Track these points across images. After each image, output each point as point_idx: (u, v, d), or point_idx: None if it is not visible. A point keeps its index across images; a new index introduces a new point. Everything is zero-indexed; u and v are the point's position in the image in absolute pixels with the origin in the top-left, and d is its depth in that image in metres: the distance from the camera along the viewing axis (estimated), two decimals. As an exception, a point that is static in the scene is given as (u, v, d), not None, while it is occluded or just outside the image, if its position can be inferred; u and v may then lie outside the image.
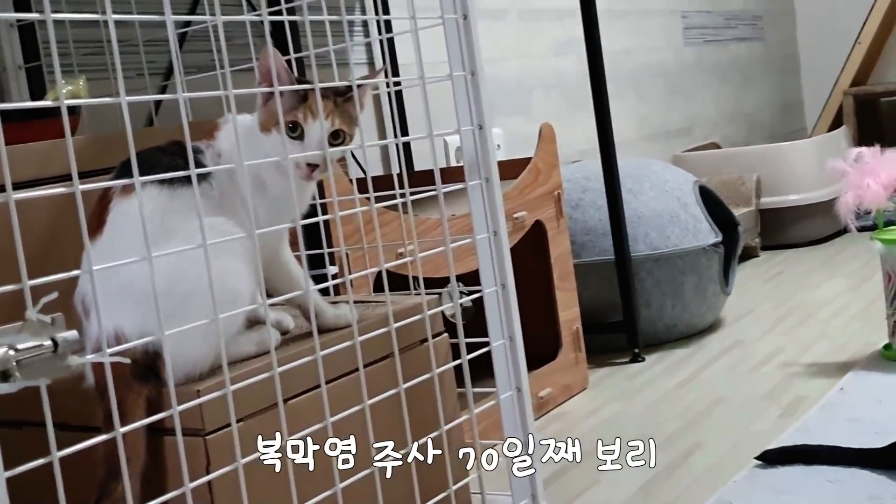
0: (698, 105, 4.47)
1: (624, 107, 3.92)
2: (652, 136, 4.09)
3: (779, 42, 5.34)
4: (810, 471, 1.62)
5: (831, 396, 1.99)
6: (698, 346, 2.55)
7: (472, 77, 1.38)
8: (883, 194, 2.18)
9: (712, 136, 4.51)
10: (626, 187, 2.61)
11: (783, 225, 3.77)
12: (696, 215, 2.63)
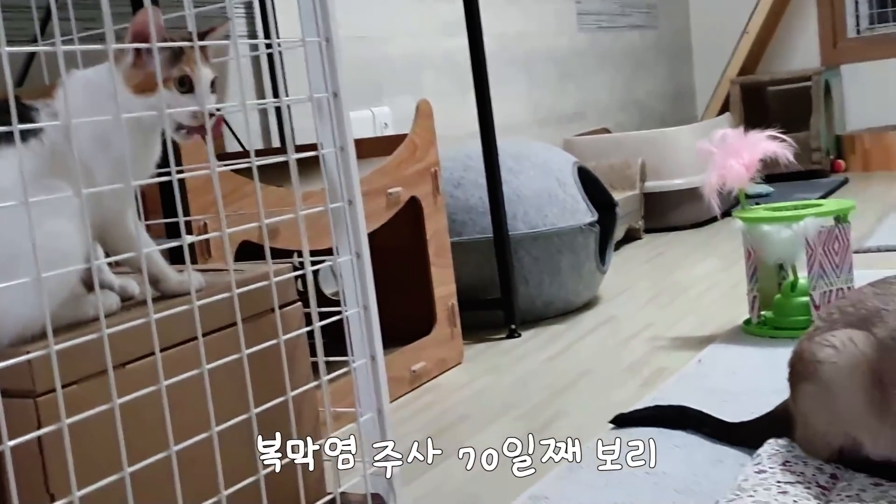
0: (591, 91, 4.55)
1: (517, 90, 3.98)
2: (544, 120, 4.16)
3: (672, 31, 5.46)
4: (657, 435, 1.68)
5: (689, 368, 2.06)
6: (573, 322, 2.61)
7: (326, 44, 1.40)
8: (745, 174, 2.25)
9: (604, 122, 4.60)
10: (507, 167, 2.66)
11: (667, 208, 3.87)
12: (574, 195, 2.69)
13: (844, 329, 1.40)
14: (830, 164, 4.89)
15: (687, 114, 5.50)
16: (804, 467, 1.41)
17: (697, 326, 2.42)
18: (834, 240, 2.18)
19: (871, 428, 1.36)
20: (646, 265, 3.31)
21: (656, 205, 3.88)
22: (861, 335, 1.38)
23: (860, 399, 1.36)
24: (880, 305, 1.38)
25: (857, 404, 1.36)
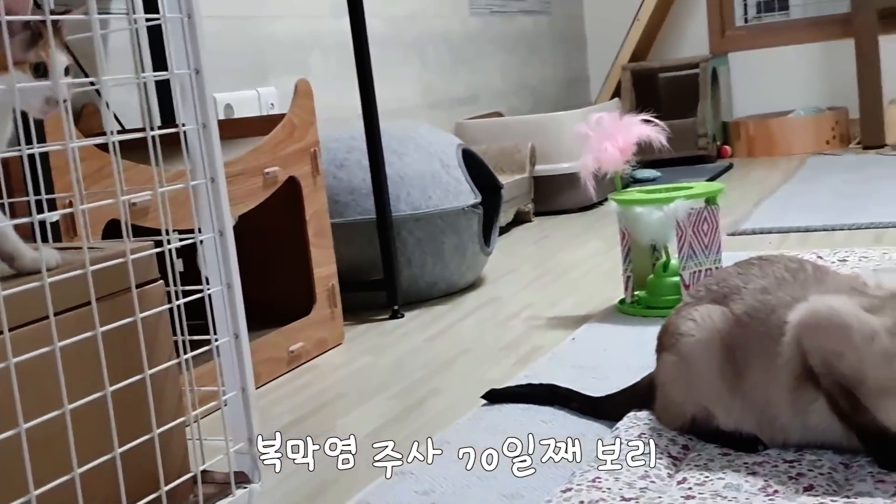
0: (484, 75, 4.58)
1: (408, 73, 3.99)
2: (436, 104, 4.17)
3: (565, 16, 5.52)
4: (527, 411, 1.71)
5: (563, 346, 2.10)
6: (456, 303, 2.64)
7: (188, 20, 1.38)
8: (620, 158, 2.30)
9: (497, 106, 4.64)
10: (391, 148, 2.67)
11: (556, 191, 3.92)
12: (458, 177, 2.71)
13: (706, 304, 1.45)
14: (717, 150, 5.01)
15: (581, 99, 5.57)
16: (658, 439, 1.46)
17: (575, 306, 2.47)
18: (703, 221, 2.24)
19: (723, 400, 1.41)
20: (532, 247, 3.36)
21: (546, 188, 3.93)
22: (719, 311, 1.43)
23: (715, 372, 1.41)
24: (741, 284, 1.44)
25: (712, 377, 1.41)
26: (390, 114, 3.73)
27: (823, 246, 2.74)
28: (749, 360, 1.39)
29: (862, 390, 1.28)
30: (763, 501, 1.23)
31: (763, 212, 3.40)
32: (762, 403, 1.38)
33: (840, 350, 1.30)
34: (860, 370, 1.28)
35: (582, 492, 1.29)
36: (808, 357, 1.32)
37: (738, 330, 1.40)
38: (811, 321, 1.33)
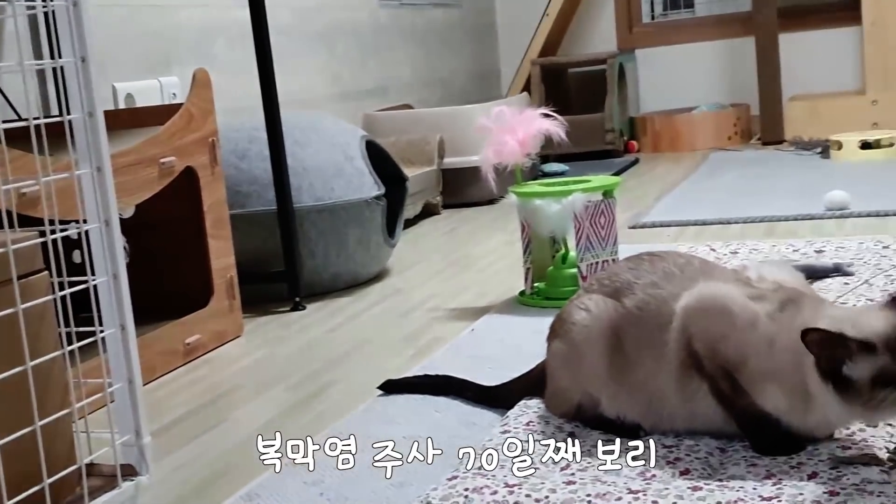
0: (393, 67, 4.58)
1: (316, 64, 3.97)
2: (345, 95, 4.16)
3: (476, 10, 5.55)
4: (422, 402, 1.73)
5: (462, 337, 2.12)
6: (360, 295, 2.64)
7: (74, 8, 1.36)
8: (519, 151, 2.33)
9: (407, 98, 4.64)
10: (294, 139, 2.66)
11: (465, 184, 3.94)
12: (361, 169, 2.71)
13: (599, 295, 1.48)
14: (624, 145, 5.09)
15: (492, 93, 5.61)
16: (545, 426, 1.48)
17: (477, 297, 2.49)
18: (600, 214, 2.28)
19: (609, 388, 1.44)
20: (439, 239, 3.38)
21: (455, 181, 3.95)
22: (612, 303, 1.46)
23: (603, 361, 1.44)
24: (632, 279, 1.47)
25: (600, 365, 1.44)
26: (298, 104, 3.71)
27: (718, 239, 2.81)
28: (639, 352, 1.42)
29: (743, 373, 1.32)
30: (640, 485, 1.26)
31: (664, 205, 3.47)
32: (650, 394, 1.41)
33: (723, 333, 1.34)
34: (742, 354, 1.32)
35: (468, 479, 1.31)
36: (693, 341, 1.36)
37: (629, 323, 1.43)
38: (697, 306, 1.37)
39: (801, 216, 3.03)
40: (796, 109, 4.79)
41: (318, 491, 1.41)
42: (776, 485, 1.24)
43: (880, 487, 1.20)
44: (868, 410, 1.25)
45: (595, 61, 5.17)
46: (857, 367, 1.22)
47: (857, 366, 1.22)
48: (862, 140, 4.03)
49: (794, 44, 5.05)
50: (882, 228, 2.77)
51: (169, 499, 1.48)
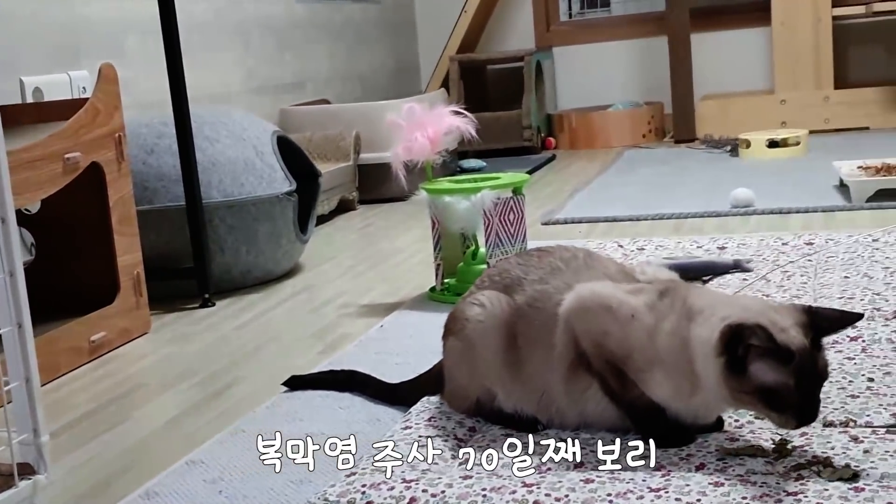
0: (310, 62, 4.56)
1: (231, 59, 3.93)
2: (260, 90, 4.13)
3: (394, 5, 5.55)
4: (327, 398, 1.73)
5: (371, 333, 2.13)
6: (270, 292, 2.63)
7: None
8: (429, 147, 2.34)
9: (325, 94, 4.63)
10: (203, 134, 2.64)
11: (381, 180, 3.94)
12: (272, 164, 2.70)
13: (492, 291, 1.50)
14: (541, 142, 5.14)
15: (411, 88, 5.61)
16: (446, 422, 1.50)
17: (388, 294, 2.50)
18: (510, 211, 2.30)
19: (505, 383, 1.46)
20: (354, 235, 3.38)
21: (371, 176, 3.94)
22: (504, 298, 1.48)
23: (498, 355, 1.46)
24: (521, 275, 1.49)
25: (495, 360, 1.46)
26: (212, 99, 3.68)
27: (628, 235, 2.86)
28: (530, 349, 1.44)
29: (629, 365, 1.35)
30: (535, 479, 1.29)
31: (577, 202, 3.52)
32: (541, 389, 1.44)
33: (605, 329, 1.37)
34: (625, 347, 1.35)
35: (366, 475, 1.32)
36: (579, 341, 1.39)
37: (520, 319, 1.46)
38: (577, 307, 1.40)
39: (708, 213, 3.10)
40: (708, 108, 4.89)
41: (218, 489, 1.41)
42: (665, 476, 1.27)
43: (763, 478, 1.24)
44: (741, 404, 1.30)
45: (513, 58, 5.20)
46: (767, 371, 1.24)
47: (768, 370, 1.23)
48: (769, 139, 4.13)
49: (706, 44, 5.15)
50: (783, 226, 2.85)
51: (67, 497, 1.46)
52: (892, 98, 4.64)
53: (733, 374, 1.25)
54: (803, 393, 1.23)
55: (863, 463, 1.26)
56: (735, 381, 1.26)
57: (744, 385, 1.25)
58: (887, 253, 2.28)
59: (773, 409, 1.25)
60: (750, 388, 1.25)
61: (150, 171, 2.58)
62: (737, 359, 1.25)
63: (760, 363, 1.24)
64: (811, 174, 3.56)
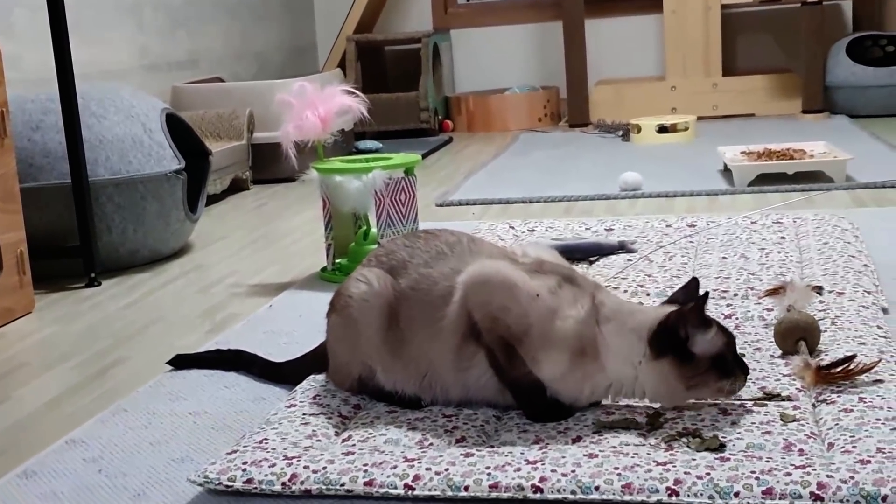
0: (204, 39, 4.49)
1: (123, 35, 3.85)
2: (153, 67, 4.06)
3: (292, -15, 5.49)
4: (211, 377, 1.73)
5: (259, 313, 2.12)
6: (159, 271, 2.60)
7: None
8: (320, 126, 2.34)
9: (219, 71, 4.56)
10: (90, 111, 2.59)
11: (276, 159, 3.89)
12: (161, 142, 2.66)
13: (377, 269, 1.51)
14: (439, 124, 5.16)
15: (308, 68, 5.57)
16: (331, 399, 1.51)
17: (279, 273, 2.49)
18: (401, 191, 2.32)
19: (385, 361, 1.48)
20: (246, 215, 3.35)
21: (266, 156, 3.90)
22: (388, 279, 1.49)
23: (380, 335, 1.47)
24: (406, 258, 1.50)
25: (377, 339, 1.47)
26: (103, 76, 3.60)
27: (520, 217, 2.90)
28: (413, 330, 1.46)
29: (525, 342, 1.38)
30: (417, 453, 1.31)
31: (471, 184, 3.55)
32: (424, 370, 1.45)
33: (506, 305, 1.39)
34: (525, 324, 1.38)
35: (247, 452, 1.32)
36: (473, 313, 1.41)
37: (403, 302, 1.47)
38: (479, 279, 1.42)
39: (598, 196, 3.16)
40: (602, 93, 4.97)
41: (97, 467, 1.39)
42: (542, 449, 1.30)
43: (635, 449, 1.29)
44: (691, 388, 1.36)
45: (410, 40, 5.21)
46: (708, 343, 1.36)
47: (704, 342, 1.36)
48: (659, 124, 4.22)
49: (600, 30, 5.24)
50: (669, 208, 2.92)
51: (-60, 480, 1.43)
52: (777, 86, 4.79)
53: (685, 364, 1.35)
54: (732, 349, 1.38)
55: (730, 434, 1.31)
56: (689, 370, 1.35)
57: (698, 367, 1.35)
58: (764, 235, 2.36)
59: (724, 377, 1.36)
60: (704, 367, 1.35)
61: (35, 148, 2.52)
62: (682, 347, 1.35)
63: (700, 340, 1.35)
64: (698, 159, 3.66)
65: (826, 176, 3.07)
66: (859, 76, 4.51)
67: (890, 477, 1.14)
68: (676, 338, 1.35)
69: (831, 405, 1.37)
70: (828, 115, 4.56)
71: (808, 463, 1.19)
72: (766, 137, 3.77)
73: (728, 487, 1.16)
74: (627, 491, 1.18)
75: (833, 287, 1.90)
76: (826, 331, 1.65)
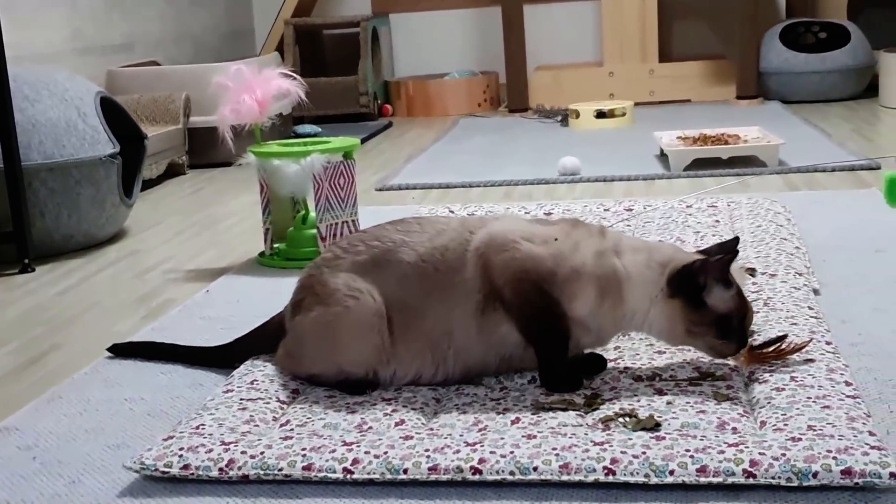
0: (140, 22, 4.42)
1: (56, 17, 3.77)
2: (87, 50, 3.98)
3: (228, -33, 5.42)
4: (149, 363, 1.71)
5: (196, 298, 2.10)
6: (94, 257, 2.56)
7: None
8: (257, 110, 2.31)
9: (155, 55, 4.49)
10: (23, 94, 2.54)
11: (213, 144, 3.86)
12: (95, 126, 2.62)
13: (353, 274, 1.49)
14: (378, 109, 5.14)
15: (246, 52, 5.50)
16: (269, 384, 1.50)
17: (217, 259, 2.47)
18: (340, 175, 2.31)
19: (384, 359, 1.47)
20: (183, 200, 3.32)
21: (203, 140, 3.86)
22: (376, 292, 1.47)
23: (377, 339, 1.46)
24: (405, 238, 1.50)
25: (372, 345, 1.46)
26: (36, 59, 3.52)
27: (460, 201, 2.91)
28: (424, 304, 1.46)
29: (556, 280, 1.43)
30: (356, 437, 1.31)
31: (412, 168, 3.54)
32: (439, 338, 1.45)
33: (531, 253, 1.44)
34: (553, 264, 1.43)
35: (183, 438, 1.31)
36: (496, 274, 1.44)
37: (408, 282, 1.46)
38: (497, 240, 1.46)
39: (537, 180, 3.18)
40: (541, 79, 4.99)
41: (32, 455, 1.37)
42: (481, 431, 1.31)
43: (573, 430, 1.30)
44: (689, 334, 1.43)
45: (349, 24, 5.17)
46: (723, 301, 1.42)
47: (719, 297, 1.42)
48: (597, 110, 4.25)
49: (539, 15, 5.25)
50: (607, 192, 2.95)
51: None
52: (712, 72, 4.84)
53: (694, 311, 1.41)
54: (741, 317, 1.43)
55: (665, 414, 1.33)
56: (695, 317, 1.41)
57: (704, 317, 1.41)
58: (699, 218, 2.39)
59: (721, 337, 1.42)
60: (709, 319, 1.41)
61: (-38, 131, 2.46)
62: (696, 294, 1.40)
63: (717, 294, 1.41)
64: (635, 144, 3.69)
65: (759, 160, 3.12)
66: (792, 62, 4.58)
67: (820, 454, 1.17)
68: (695, 283, 1.41)
69: (764, 384, 1.40)
70: (761, 101, 4.63)
71: (741, 441, 1.22)
72: (702, 123, 3.81)
73: (663, 466, 1.18)
74: (565, 471, 1.20)
75: (766, 269, 1.93)
76: (759, 312, 1.68)
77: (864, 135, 3.69)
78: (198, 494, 1.24)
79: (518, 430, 1.30)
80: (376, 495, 1.21)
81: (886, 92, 4.31)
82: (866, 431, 1.22)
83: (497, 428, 1.32)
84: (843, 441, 1.19)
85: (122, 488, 1.27)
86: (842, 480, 1.14)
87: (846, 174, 2.97)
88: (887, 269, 1.97)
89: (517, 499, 1.19)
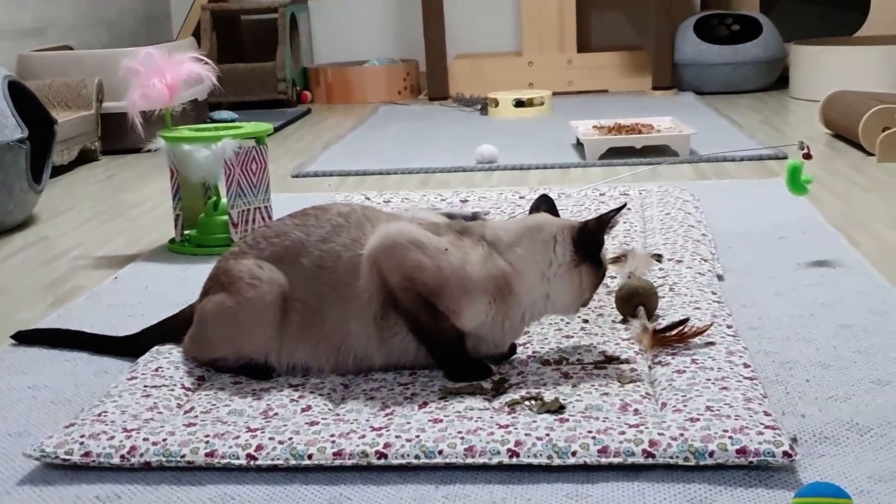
0: (53, 6, 4.32)
1: (-39, -3, 3.67)
2: (-4, 33, 3.88)
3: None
4: (51, 351, 1.68)
5: (104, 285, 2.07)
6: (2, 243, 2.50)
7: None
8: (168, 94, 2.28)
9: (69, 40, 4.40)
10: (-77, 76, 2.46)
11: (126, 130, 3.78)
12: (3, 110, 2.55)
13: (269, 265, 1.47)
14: (297, 95, 5.10)
15: (161, 37, 5.42)
16: (174, 371, 1.49)
17: (127, 245, 2.43)
18: (252, 161, 2.28)
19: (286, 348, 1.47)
20: (95, 186, 3.25)
21: (116, 126, 3.78)
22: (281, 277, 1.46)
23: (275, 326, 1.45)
24: (302, 236, 1.48)
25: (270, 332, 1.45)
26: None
27: (377, 188, 2.90)
28: (324, 307, 1.44)
29: (444, 296, 1.40)
30: (261, 423, 1.30)
31: (329, 156, 3.53)
32: (340, 342, 1.45)
33: (418, 264, 1.41)
34: (440, 278, 1.40)
35: (85, 425, 1.29)
36: (388, 278, 1.42)
37: (308, 282, 1.45)
38: (386, 244, 1.43)
39: (455, 168, 3.19)
40: (460, 67, 5.00)
41: (-74, 446, 1.34)
42: (388, 416, 1.32)
43: (480, 413, 1.31)
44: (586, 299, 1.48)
45: (267, 9, 5.11)
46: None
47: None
48: (516, 99, 4.28)
49: (458, 4, 5.26)
50: (523, 180, 2.97)
51: None
52: (629, 63, 4.91)
53: (596, 270, 1.45)
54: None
55: (570, 396, 1.35)
56: (596, 276, 1.46)
57: (600, 274, 1.47)
58: (611, 206, 2.42)
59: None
60: (603, 274, 1.48)
61: None
62: (594, 254, 1.45)
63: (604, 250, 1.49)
64: (552, 133, 3.72)
65: (671, 150, 3.17)
66: (705, 54, 4.66)
67: (717, 434, 1.19)
68: (595, 244, 1.45)
69: (666, 367, 1.43)
70: (676, 92, 4.70)
71: (642, 422, 1.24)
72: (618, 113, 3.86)
73: (566, 447, 1.20)
74: (470, 454, 1.21)
75: (672, 255, 1.97)
76: (664, 297, 1.71)
77: (773, 125, 3.77)
78: (99, 482, 1.22)
79: (425, 415, 1.31)
80: (280, 481, 1.21)
81: (796, 84, 4.42)
82: (762, 412, 1.25)
83: (404, 413, 1.33)
84: (739, 421, 1.22)
85: (23, 476, 1.25)
86: (737, 459, 1.17)
87: (754, 163, 3.04)
88: (789, 256, 2.03)
89: (422, 482, 1.19)
